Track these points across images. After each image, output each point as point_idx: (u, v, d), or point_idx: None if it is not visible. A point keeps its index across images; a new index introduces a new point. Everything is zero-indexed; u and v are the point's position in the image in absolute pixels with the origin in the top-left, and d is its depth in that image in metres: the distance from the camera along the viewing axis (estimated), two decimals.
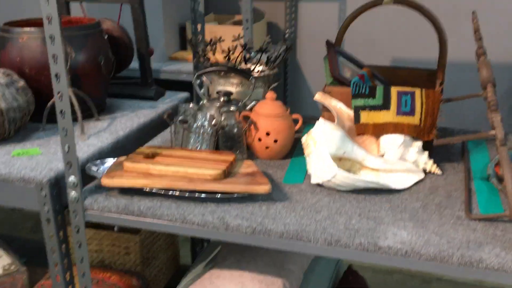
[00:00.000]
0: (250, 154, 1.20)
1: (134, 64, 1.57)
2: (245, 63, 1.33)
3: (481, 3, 2.16)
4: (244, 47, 1.29)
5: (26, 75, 1.26)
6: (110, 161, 1.11)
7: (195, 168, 1.01)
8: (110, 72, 1.41)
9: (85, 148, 1.18)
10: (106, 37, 1.41)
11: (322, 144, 1.01)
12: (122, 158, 1.10)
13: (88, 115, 1.36)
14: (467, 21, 2.18)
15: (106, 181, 0.99)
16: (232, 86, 1.33)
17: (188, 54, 2.17)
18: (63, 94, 0.93)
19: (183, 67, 2.12)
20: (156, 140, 1.30)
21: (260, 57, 1.32)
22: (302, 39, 2.55)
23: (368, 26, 2.23)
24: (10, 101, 1.17)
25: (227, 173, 1.02)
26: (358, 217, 0.93)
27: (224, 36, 2.23)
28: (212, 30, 2.25)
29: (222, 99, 1.26)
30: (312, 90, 2.61)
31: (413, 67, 1.37)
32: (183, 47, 2.32)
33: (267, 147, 1.17)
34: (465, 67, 2.17)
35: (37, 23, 1.41)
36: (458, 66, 2.10)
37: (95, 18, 1.41)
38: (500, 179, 1.02)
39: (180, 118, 1.18)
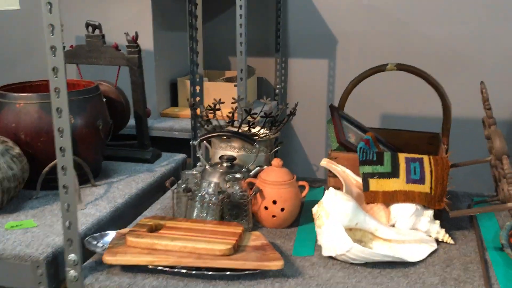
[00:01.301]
0: (255, 222, 1.16)
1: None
2: (249, 129, 1.31)
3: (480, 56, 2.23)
4: (249, 112, 1.28)
5: (21, 141, 1.21)
6: (110, 234, 1.05)
7: (203, 243, 0.96)
8: (108, 135, 1.38)
9: (82, 218, 1.12)
10: (104, 100, 1.38)
11: (335, 216, 0.98)
12: (124, 230, 1.05)
13: (83, 180, 1.32)
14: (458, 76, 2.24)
15: (108, 259, 0.94)
16: (233, 150, 1.31)
17: (180, 110, 2.15)
18: (67, 168, 0.88)
19: (175, 124, 2.10)
20: (156, 207, 1.25)
21: (265, 122, 1.31)
22: (291, 95, 2.58)
23: (367, 88, 2.25)
24: (5, 170, 1.11)
25: (237, 248, 0.97)
26: None
27: (216, 94, 2.23)
28: (204, 86, 2.25)
29: (225, 164, 1.23)
30: (302, 148, 2.61)
31: (414, 130, 1.37)
32: (174, 103, 2.31)
33: (273, 216, 1.13)
34: (461, 124, 2.21)
35: (33, 87, 1.38)
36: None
37: (93, 81, 1.39)
38: None
39: (183, 186, 1.14)
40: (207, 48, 2.57)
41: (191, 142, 1.57)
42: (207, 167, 1.23)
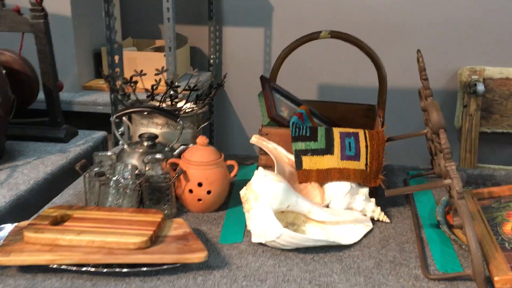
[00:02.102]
0: (179, 206, 1.05)
1: (41, 96, 1.36)
2: (172, 103, 1.18)
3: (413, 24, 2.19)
4: (170, 85, 1.15)
5: None
6: (7, 228, 0.91)
7: (115, 235, 0.84)
8: (10, 112, 1.20)
9: None
10: (4, 72, 1.20)
11: (265, 199, 0.89)
12: (23, 223, 0.91)
13: None
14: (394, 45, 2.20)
15: (1, 259, 0.80)
16: (156, 127, 1.18)
17: (105, 83, 1.97)
18: None
19: (99, 98, 1.93)
20: (68, 194, 1.11)
21: (189, 95, 1.18)
22: (227, 65, 2.45)
23: (301, 58, 2.16)
24: None
25: (154, 239, 0.86)
26: (308, 284, 0.82)
27: (144, 64, 2.06)
28: (130, 56, 2.07)
29: (145, 143, 1.10)
30: (240, 122, 2.50)
31: (350, 102, 1.30)
32: (98, 75, 2.12)
33: (199, 200, 1.02)
34: (397, 95, 2.19)
35: None
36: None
37: (8, 51, 1.20)
38: (450, 227, 0.96)
39: (96, 170, 1.01)
40: (135, 14, 2.38)
41: (111, 118, 1.42)
42: (125, 146, 1.10)
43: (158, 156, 1.03)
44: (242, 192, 0.94)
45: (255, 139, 1.07)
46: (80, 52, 1.96)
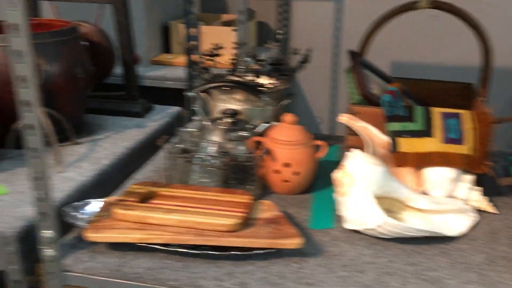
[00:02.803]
0: (262, 187, 1.00)
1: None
2: (254, 78, 1.12)
3: None
4: (255, 58, 1.09)
5: None
6: (94, 204, 0.89)
7: (205, 216, 0.80)
8: (89, 85, 1.19)
9: (61, 184, 0.96)
10: (84, 44, 1.18)
11: (363, 184, 0.82)
12: (110, 199, 0.89)
13: (63, 137, 1.14)
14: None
15: (92, 236, 0.78)
16: (235, 103, 1.13)
17: (174, 58, 1.94)
18: (35, 127, 0.70)
19: (168, 73, 1.90)
20: (147, 170, 1.08)
21: (272, 70, 1.12)
22: (294, 41, 2.36)
23: (388, 32, 2.02)
24: None
25: (245, 221, 0.81)
26: (414, 279, 0.75)
27: (213, 39, 2.02)
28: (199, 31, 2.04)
29: (228, 120, 1.05)
30: (307, 100, 2.42)
31: (445, 80, 1.19)
32: (166, 49, 2.09)
33: (286, 181, 0.97)
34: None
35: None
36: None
37: (70, 21, 1.18)
38: None
39: (179, 146, 0.97)
40: None
41: (186, 93, 1.39)
42: (207, 123, 1.06)
43: (244, 133, 0.98)
44: (337, 175, 0.87)
45: (344, 118, 0.99)
46: (149, 26, 1.93)
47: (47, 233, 0.76)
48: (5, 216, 0.84)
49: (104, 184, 1.02)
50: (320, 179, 1.03)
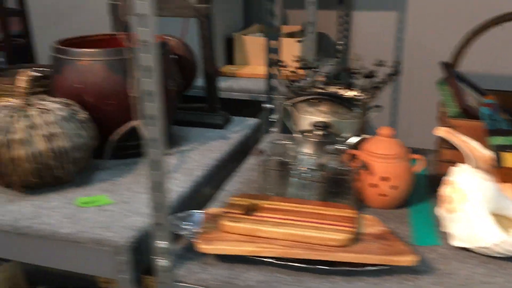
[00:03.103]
0: (357, 201, 0.99)
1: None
2: (346, 91, 1.12)
3: None
4: (347, 71, 1.08)
5: (87, 105, 1.06)
6: (196, 214, 0.90)
7: (315, 230, 0.80)
8: (178, 98, 1.21)
9: None
10: (173, 57, 1.21)
11: (477, 200, 0.80)
12: (213, 211, 0.90)
13: None
14: None
15: (204, 247, 0.79)
16: (321, 114, 1.13)
17: (238, 69, 1.97)
18: (158, 140, 0.72)
19: (234, 84, 1.92)
20: (237, 181, 1.09)
21: (365, 83, 1.11)
22: (354, 51, 2.35)
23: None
24: (73, 138, 0.97)
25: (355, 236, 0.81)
26: None
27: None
28: (259, 42, 2.05)
29: (318, 132, 1.05)
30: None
31: None
32: (229, 61, 2.12)
33: (383, 195, 0.96)
34: None
35: (93, 42, 1.22)
36: None
37: (160, 35, 1.22)
38: None
39: (275, 159, 0.97)
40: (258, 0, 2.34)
41: (264, 105, 1.40)
42: (298, 135, 1.06)
43: (340, 146, 0.97)
44: (445, 191, 0.85)
45: (442, 132, 0.97)
46: (214, 38, 1.97)
47: (162, 243, 0.78)
48: (115, 226, 0.86)
49: (198, 196, 1.04)
50: (415, 194, 1.01)
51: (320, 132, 1.05)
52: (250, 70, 1.90)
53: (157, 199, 0.76)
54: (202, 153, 1.18)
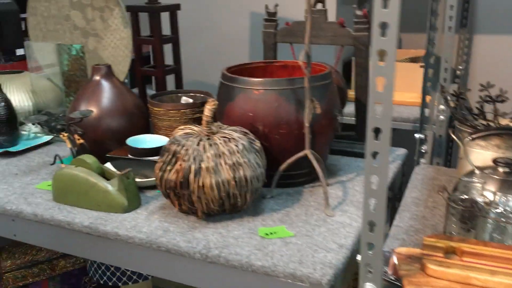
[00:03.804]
0: None
1: None
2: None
3: None
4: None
5: (257, 133, 1.06)
6: (387, 254, 0.86)
7: None
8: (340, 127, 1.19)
9: (342, 229, 0.95)
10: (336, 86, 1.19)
11: None
12: (405, 251, 0.85)
13: (311, 178, 1.15)
14: None
15: None
16: (493, 148, 1.06)
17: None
18: (383, 175, 0.70)
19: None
20: (405, 216, 1.04)
21: None
22: (473, 76, 2.24)
23: None
24: (253, 167, 0.97)
25: None
26: None
27: (400, 75, 1.98)
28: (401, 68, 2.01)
29: (501, 169, 0.98)
30: None
31: None
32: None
33: None
34: None
35: (250, 69, 1.23)
36: None
37: (322, 63, 1.21)
38: None
39: (467, 198, 0.92)
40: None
41: (417, 135, 1.35)
42: (478, 172, 1.00)
43: None
44: None
45: None
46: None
47: (370, 285, 0.74)
48: (308, 261, 0.84)
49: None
50: None
51: (506, 169, 0.98)
52: None
53: (369, 238, 0.73)
54: (359, 184, 1.14)
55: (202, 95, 1.38)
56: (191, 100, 1.38)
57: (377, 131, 0.69)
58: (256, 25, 1.98)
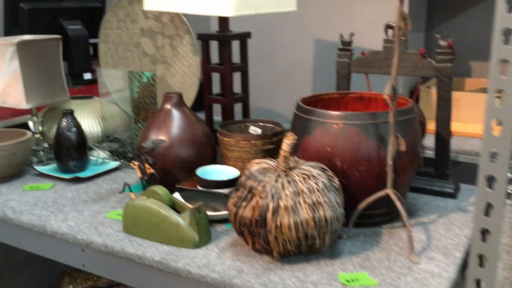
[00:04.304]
0: None
1: None
2: None
3: None
4: None
5: (335, 169, 1.00)
6: None
7: None
8: (422, 164, 1.12)
9: (431, 279, 0.86)
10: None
11: None
12: None
13: (390, 219, 1.08)
14: None
15: None
16: None
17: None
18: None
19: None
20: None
21: None
22: None
23: None
24: (334, 207, 0.91)
25: None
26: None
27: (468, 106, 1.87)
28: (455, 97, 1.90)
29: None
30: None
31: None
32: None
33: None
34: None
35: (324, 101, 1.18)
36: None
37: (405, 97, 1.14)
38: None
39: None
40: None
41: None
42: None
43: None
44: None
45: None
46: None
47: None
48: None
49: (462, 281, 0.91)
50: None
51: None
52: (459, 128, 1.74)
53: None
54: (447, 227, 1.05)
55: (271, 125, 1.34)
56: (259, 130, 1.35)
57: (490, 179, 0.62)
58: (322, 53, 1.94)
